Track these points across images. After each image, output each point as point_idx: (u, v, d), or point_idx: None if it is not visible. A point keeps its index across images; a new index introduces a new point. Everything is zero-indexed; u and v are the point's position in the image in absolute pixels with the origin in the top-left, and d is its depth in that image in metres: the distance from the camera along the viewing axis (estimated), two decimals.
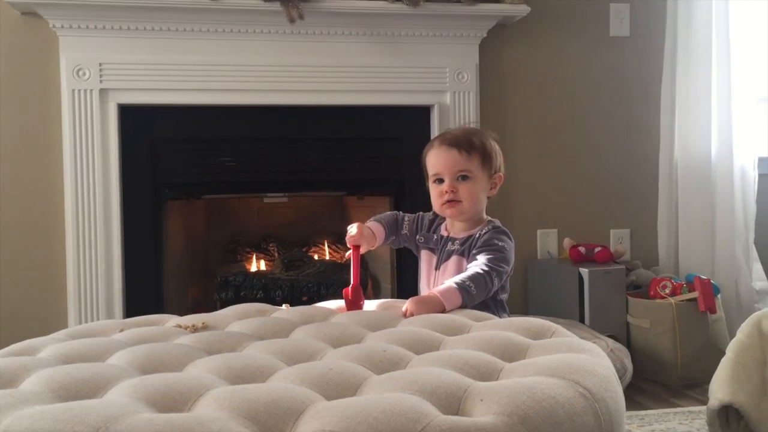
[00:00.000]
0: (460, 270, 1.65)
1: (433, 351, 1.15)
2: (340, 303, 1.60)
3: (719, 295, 2.76)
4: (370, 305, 1.56)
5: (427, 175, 1.75)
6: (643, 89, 3.12)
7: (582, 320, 2.74)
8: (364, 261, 3.18)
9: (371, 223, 1.77)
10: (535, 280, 3.01)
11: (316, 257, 3.16)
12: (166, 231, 2.76)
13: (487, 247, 1.63)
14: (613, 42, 3.09)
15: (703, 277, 2.70)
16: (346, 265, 3.05)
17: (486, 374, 1.02)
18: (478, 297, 1.55)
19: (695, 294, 2.66)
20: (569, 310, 2.77)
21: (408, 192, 2.81)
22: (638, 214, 3.15)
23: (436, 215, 1.79)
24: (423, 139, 2.82)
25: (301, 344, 1.17)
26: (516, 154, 2.93)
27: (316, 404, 0.86)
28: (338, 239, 3.24)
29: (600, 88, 3.09)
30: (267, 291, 2.91)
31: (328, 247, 3.22)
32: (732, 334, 1.86)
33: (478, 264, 1.58)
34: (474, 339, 1.18)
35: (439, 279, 1.69)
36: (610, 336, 2.61)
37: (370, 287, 3.03)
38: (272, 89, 2.70)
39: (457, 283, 1.51)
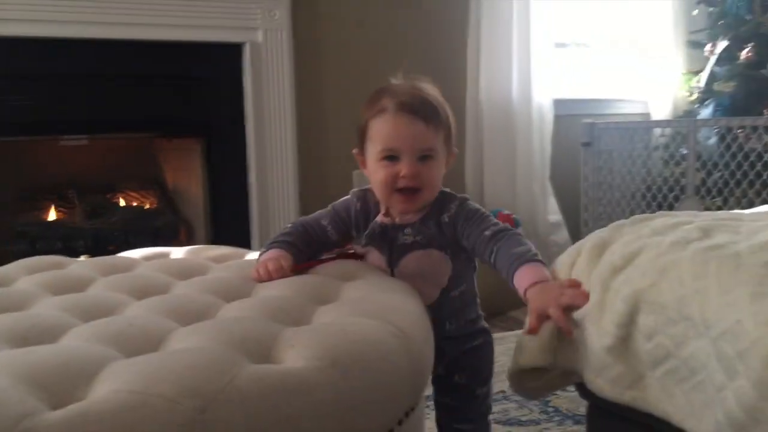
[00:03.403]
0: (426, 265, 1.30)
1: (245, 298, 1.12)
2: (145, 252, 1.50)
3: (520, 229, 2.97)
4: None
5: (364, 141, 1.33)
6: (450, 36, 3.18)
7: None
8: (175, 205, 3.04)
9: (278, 254, 1.28)
10: None
11: (122, 203, 2.97)
12: None
13: (484, 220, 1.29)
14: None
15: (505, 212, 2.89)
16: (155, 212, 2.92)
17: (298, 319, 1.01)
18: None
19: None
20: None
21: (217, 134, 2.71)
22: None
23: (362, 200, 1.36)
24: (235, 79, 2.71)
25: (99, 298, 1.09)
26: (329, 97, 2.90)
27: (113, 363, 0.80)
28: (145, 184, 3.06)
29: (408, 35, 3.09)
30: (67, 241, 2.69)
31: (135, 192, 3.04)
32: None
33: (515, 232, 1.26)
34: (284, 283, 1.16)
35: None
36: None
37: (183, 234, 2.92)
38: (67, 20, 2.44)
39: (535, 260, 1.19)
